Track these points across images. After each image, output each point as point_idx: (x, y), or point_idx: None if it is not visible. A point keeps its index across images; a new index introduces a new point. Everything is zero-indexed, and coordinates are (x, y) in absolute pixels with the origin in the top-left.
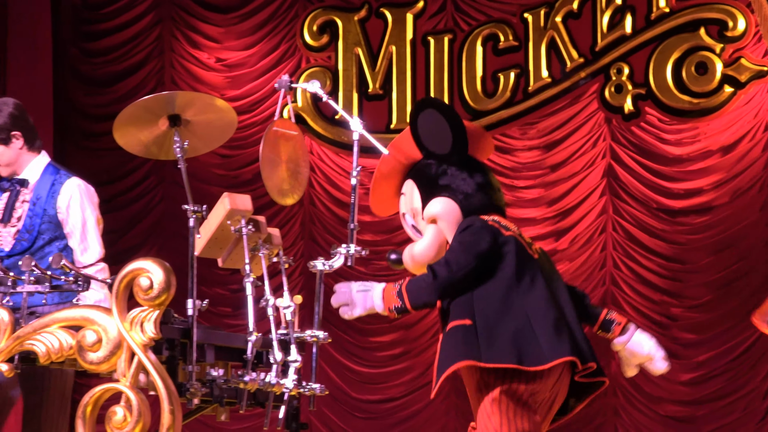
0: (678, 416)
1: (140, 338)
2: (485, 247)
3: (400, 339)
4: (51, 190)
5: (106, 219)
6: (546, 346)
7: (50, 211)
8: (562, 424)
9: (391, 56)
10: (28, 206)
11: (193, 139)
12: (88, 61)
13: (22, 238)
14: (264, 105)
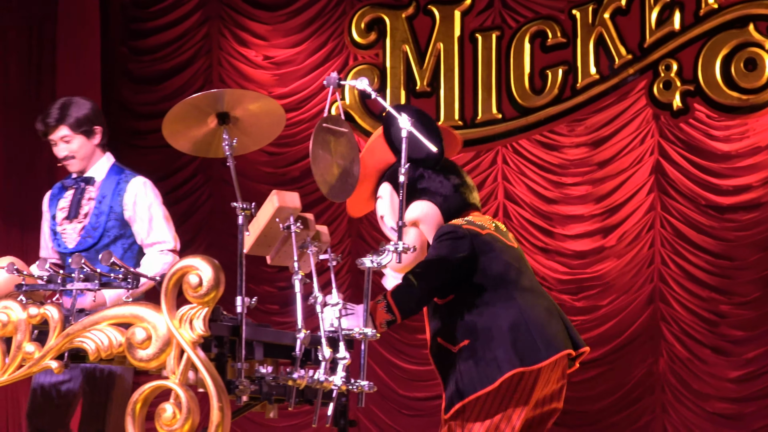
0: (726, 413)
1: (189, 335)
2: (460, 257)
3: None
4: (117, 189)
5: None
6: (544, 342)
7: (116, 208)
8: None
9: (439, 53)
10: (94, 204)
11: (242, 136)
12: (137, 59)
13: (87, 235)
14: (311, 102)
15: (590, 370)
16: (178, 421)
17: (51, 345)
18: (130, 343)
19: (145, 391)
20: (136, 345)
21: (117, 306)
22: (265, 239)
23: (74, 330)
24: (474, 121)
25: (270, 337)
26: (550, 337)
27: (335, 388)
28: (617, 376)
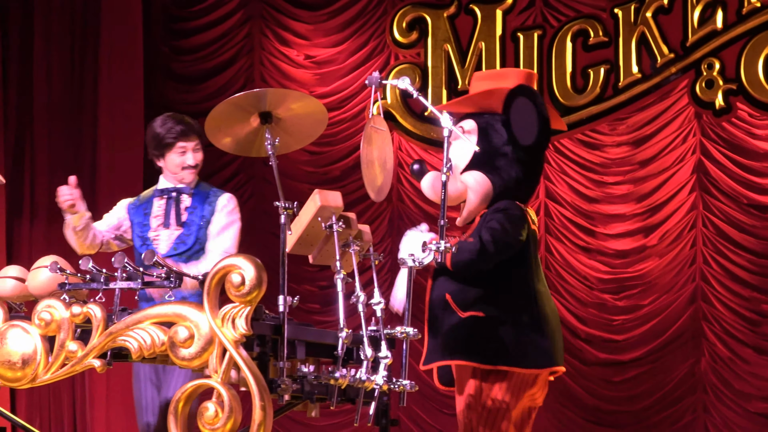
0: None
1: (232, 334)
2: (521, 237)
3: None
4: (208, 200)
5: None
6: (543, 352)
7: (207, 219)
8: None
9: (481, 53)
10: (188, 214)
11: (284, 135)
12: (179, 59)
13: (181, 241)
14: (353, 102)
15: (632, 369)
16: (221, 420)
17: (94, 344)
18: (172, 342)
19: (188, 390)
20: (178, 344)
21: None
22: (307, 238)
23: (117, 329)
24: None
25: (312, 336)
26: (559, 345)
27: (377, 387)
28: (659, 375)
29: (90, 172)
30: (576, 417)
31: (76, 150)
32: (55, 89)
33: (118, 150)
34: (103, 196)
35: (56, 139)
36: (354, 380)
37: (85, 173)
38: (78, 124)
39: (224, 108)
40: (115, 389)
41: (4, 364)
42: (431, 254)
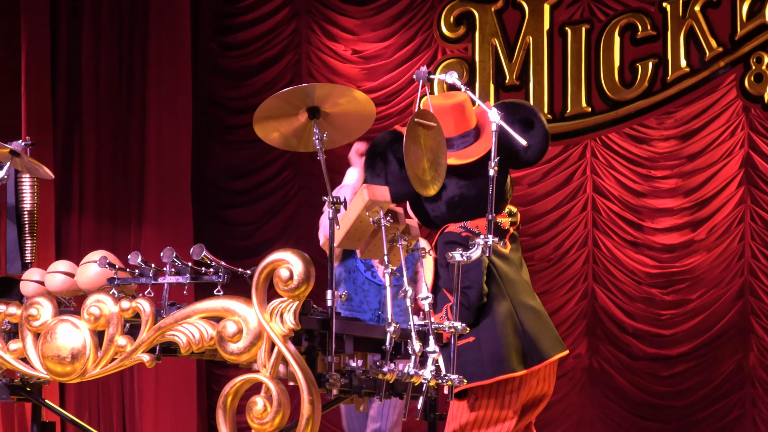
0: None
1: (280, 329)
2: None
3: None
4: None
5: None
6: (540, 347)
7: None
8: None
9: (528, 47)
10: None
11: (332, 130)
12: (226, 54)
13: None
14: (400, 96)
15: (679, 364)
16: (269, 414)
17: (143, 338)
18: (221, 337)
19: (236, 385)
20: (227, 338)
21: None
22: (355, 233)
23: (166, 323)
24: (563, 115)
25: (360, 331)
26: (538, 349)
27: (425, 381)
28: (707, 370)
29: (138, 169)
30: (623, 411)
31: (125, 146)
32: (103, 87)
33: (165, 146)
34: (152, 193)
35: (104, 136)
36: (402, 375)
37: (133, 170)
38: (126, 121)
39: (272, 103)
40: (164, 384)
41: (54, 358)
42: (479, 248)
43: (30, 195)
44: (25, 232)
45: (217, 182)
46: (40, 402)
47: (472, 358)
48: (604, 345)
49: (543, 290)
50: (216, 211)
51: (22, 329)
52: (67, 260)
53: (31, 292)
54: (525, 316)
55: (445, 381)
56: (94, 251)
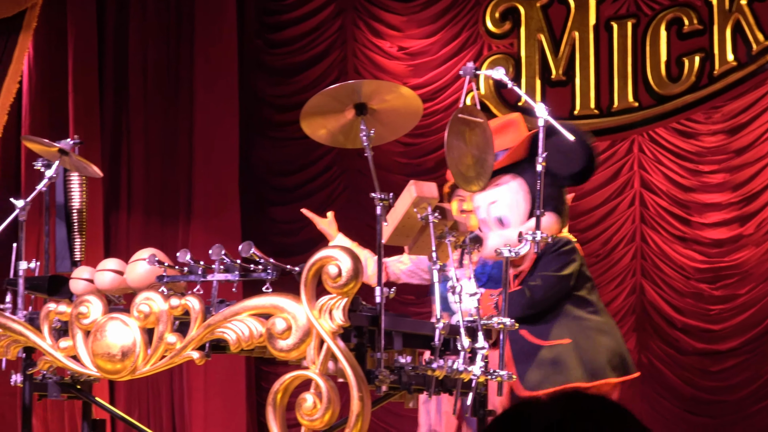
0: None
1: (329, 326)
2: (575, 270)
3: None
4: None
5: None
6: (628, 360)
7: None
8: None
9: (574, 42)
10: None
11: (379, 127)
12: (272, 52)
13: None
14: (446, 93)
15: (729, 359)
16: (319, 411)
17: (192, 336)
18: (270, 334)
19: (286, 381)
20: (276, 335)
21: (256, 297)
22: (403, 229)
23: (215, 321)
24: (610, 110)
25: (409, 327)
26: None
27: (474, 378)
28: (756, 365)
29: (186, 166)
30: (672, 407)
31: (172, 144)
32: (150, 85)
33: (213, 143)
34: (199, 190)
35: (152, 133)
36: (451, 371)
37: (181, 167)
38: (173, 119)
39: (319, 100)
40: (213, 381)
41: (104, 356)
42: (527, 244)
43: (79, 193)
44: (75, 231)
45: (265, 179)
46: (91, 399)
47: (568, 361)
48: (653, 340)
49: None
50: (263, 208)
51: (72, 327)
52: (116, 258)
53: (81, 290)
54: (616, 327)
55: (494, 377)
56: (143, 249)
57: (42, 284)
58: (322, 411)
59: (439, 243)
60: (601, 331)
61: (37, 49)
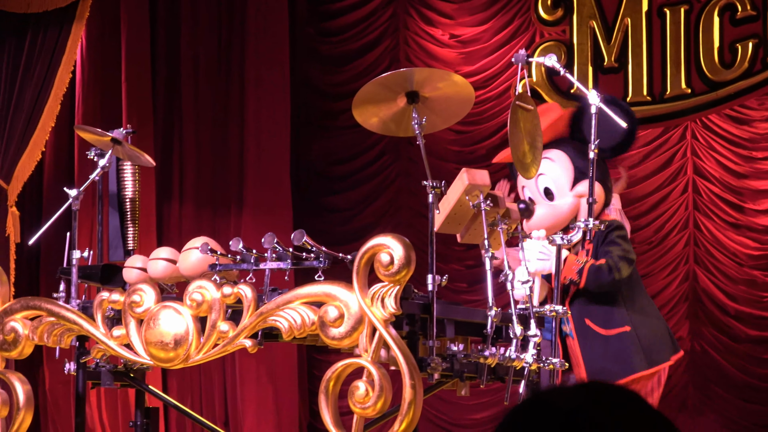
0: None
1: (381, 314)
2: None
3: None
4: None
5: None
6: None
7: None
8: None
9: (627, 29)
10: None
11: (431, 115)
12: (324, 40)
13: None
14: (498, 80)
15: None
16: (371, 399)
17: (245, 324)
18: (322, 322)
19: (338, 369)
20: (328, 323)
21: (309, 285)
22: (455, 217)
23: (267, 309)
24: (663, 97)
25: (461, 315)
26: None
27: (526, 365)
28: None
29: (237, 156)
30: (725, 394)
31: (224, 133)
32: (201, 73)
33: (264, 133)
34: (251, 179)
35: (204, 123)
36: (503, 359)
37: (233, 157)
38: (225, 108)
39: (371, 88)
40: (265, 369)
41: (157, 344)
42: (579, 231)
43: (132, 182)
44: (128, 220)
45: (316, 168)
46: (144, 388)
47: (629, 348)
48: (705, 328)
49: (644, 273)
50: (315, 196)
51: (126, 316)
52: (169, 247)
53: (134, 279)
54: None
55: (546, 365)
56: (195, 238)
57: (95, 273)
58: (374, 399)
59: (491, 231)
60: (653, 315)
61: (90, 39)
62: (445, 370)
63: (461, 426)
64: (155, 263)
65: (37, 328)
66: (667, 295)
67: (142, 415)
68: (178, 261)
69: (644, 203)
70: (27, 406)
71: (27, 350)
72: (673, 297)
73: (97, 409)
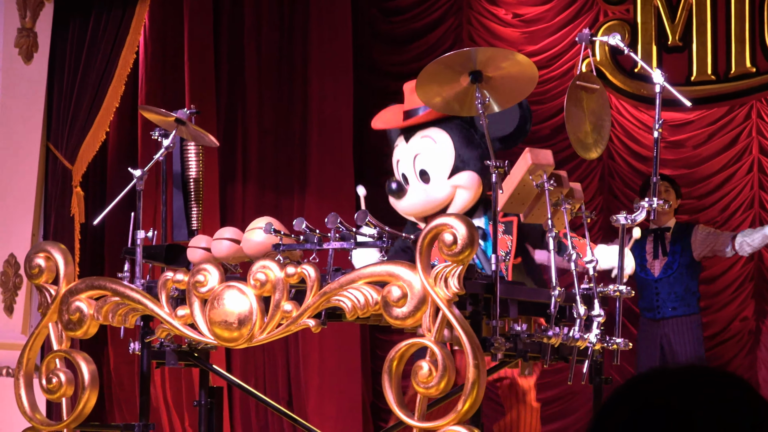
0: None
1: (444, 293)
2: None
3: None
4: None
5: None
6: None
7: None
8: None
9: (691, 7)
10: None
11: (494, 94)
12: (387, 20)
13: (668, 267)
14: (561, 60)
15: None
16: (434, 379)
17: (308, 303)
18: (386, 302)
19: (401, 349)
20: (392, 303)
21: (372, 265)
22: (518, 197)
23: (331, 289)
24: (727, 76)
25: (524, 295)
26: None
27: (590, 345)
28: None
29: (300, 136)
30: None
31: (287, 114)
32: (264, 53)
33: (326, 115)
34: (314, 159)
35: (266, 104)
36: (567, 339)
37: (296, 137)
38: (288, 89)
39: (434, 68)
40: (328, 349)
41: (221, 324)
42: (644, 211)
43: (195, 163)
44: (191, 200)
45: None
46: (208, 367)
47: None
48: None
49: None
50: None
51: (190, 295)
52: (233, 227)
53: (198, 259)
54: None
55: (610, 345)
56: (259, 218)
57: (159, 253)
58: (437, 378)
59: (555, 210)
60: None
61: (153, 20)
62: (509, 350)
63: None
64: (219, 243)
65: (101, 307)
66: (732, 275)
67: (206, 395)
68: (242, 241)
69: (709, 183)
70: (92, 386)
71: (92, 330)
72: (739, 276)
73: (162, 389)
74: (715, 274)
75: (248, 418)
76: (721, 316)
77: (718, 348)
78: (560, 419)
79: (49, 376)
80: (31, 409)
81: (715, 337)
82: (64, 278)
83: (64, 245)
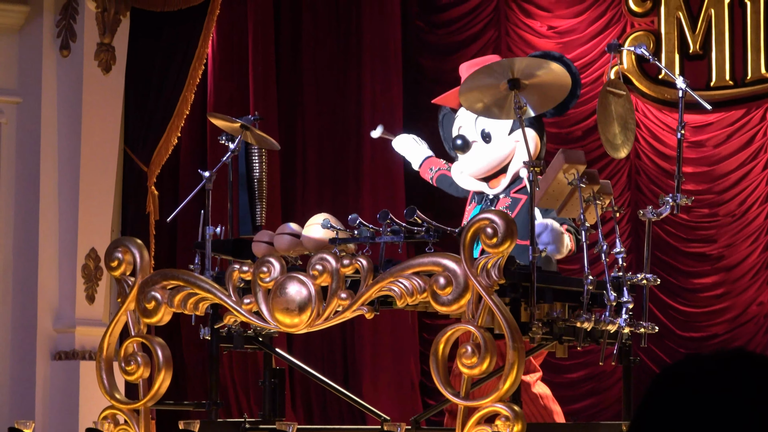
0: None
1: (486, 282)
2: None
3: (722, 280)
4: None
5: None
6: None
7: None
8: None
9: (710, 19)
10: None
11: (530, 99)
12: (432, 32)
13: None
14: (592, 68)
15: None
16: (477, 360)
17: (362, 292)
18: (432, 290)
19: (448, 333)
20: (438, 291)
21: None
22: (553, 193)
23: (383, 278)
24: (744, 81)
25: (559, 283)
26: None
27: (620, 329)
28: None
29: (355, 139)
30: None
31: (343, 118)
32: (320, 62)
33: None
34: (367, 161)
35: (324, 108)
36: (598, 323)
37: (351, 139)
38: (343, 95)
39: (476, 76)
40: (381, 333)
41: (283, 311)
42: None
43: (259, 164)
44: (255, 198)
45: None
46: (271, 350)
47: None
48: None
49: (728, 243)
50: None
51: (255, 286)
52: (293, 223)
53: (262, 252)
54: None
55: (638, 328)
56: (317, 214)
57: (227, 247)
58: (480, 360)
59: (587, 206)
60: None
61: (220, 33)
62: (546, 333)
63: (559, 385)
64: (281, 237)
65: (174, 297)
66: (749, 264)
67: (270, 376)
68: (301, 235)
69: (728, 179)
70: (166, 368)
71: (166, 317)
72: (755, 265)
73: (229, 370)
74: (732, 263)
75: (308, 396)
76: (740, 300)
77: (738, 330)
78: (592, 396)
79: (128, 359)
80: (111, 390)
81: (734, 320)
82: (140, 270)
83: (140, 240)
